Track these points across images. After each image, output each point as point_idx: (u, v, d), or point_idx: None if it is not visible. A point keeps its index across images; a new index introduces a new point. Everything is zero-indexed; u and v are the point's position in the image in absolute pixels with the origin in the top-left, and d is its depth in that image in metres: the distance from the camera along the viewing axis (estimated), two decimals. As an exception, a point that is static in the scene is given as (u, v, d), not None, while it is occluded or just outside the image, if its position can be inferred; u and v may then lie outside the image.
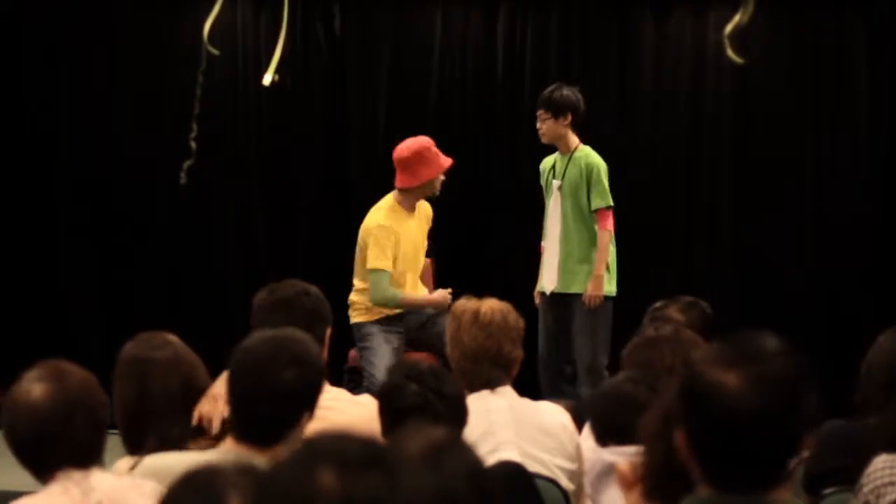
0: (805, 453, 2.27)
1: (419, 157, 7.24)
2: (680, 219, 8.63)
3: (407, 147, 7.30)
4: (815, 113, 8.59)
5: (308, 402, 3.20)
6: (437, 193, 7.34)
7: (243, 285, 7.25)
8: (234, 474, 2.07)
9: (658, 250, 8.57)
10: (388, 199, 7.34)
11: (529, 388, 4.42)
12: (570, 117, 7.34)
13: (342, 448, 1.74)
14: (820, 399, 2.30)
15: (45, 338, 8.42)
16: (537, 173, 8.66)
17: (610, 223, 7.36)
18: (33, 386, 3.03)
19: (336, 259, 8.62)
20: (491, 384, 4.05)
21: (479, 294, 4.26)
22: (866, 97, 8.54)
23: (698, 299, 5.08)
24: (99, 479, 3.02)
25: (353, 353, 8.11)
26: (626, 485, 2.99)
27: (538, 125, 7.38)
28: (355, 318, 7.33)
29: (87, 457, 3.01)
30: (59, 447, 2.99)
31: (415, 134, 8.73)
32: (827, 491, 3.74)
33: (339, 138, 8.77)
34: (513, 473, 3.61)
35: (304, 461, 1.73)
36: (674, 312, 4.84)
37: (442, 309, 7.31)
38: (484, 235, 8.65)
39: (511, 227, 8.52)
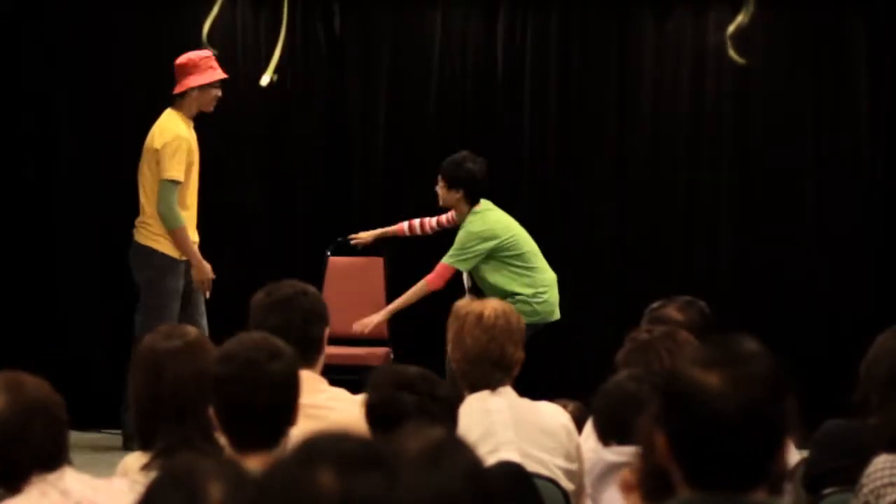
0: (802, 453, 2.27)
1: (191, 63, 7.33)
2: (680, 219, 8.63)
3: (185, 55, 7.43)
4: (815, 113, 8.59)
5: (296, 393, 3.22)
6: (210, 109, 7.44)
7: (242, 285, 7.23)
8: (213, 465, 2.08)
9: (658, 250, 8.57)
10: (169, 112, 7.38)
11: (529, 388, 4.41)
12: (460, 191, 7.46)
13: (342, 448, 1.74)
14: (818, 400, 2.31)
15: (43, 338, 8.42)
16: (538, 173, 8.68)
17: (439, 282, 7.39)
18: None
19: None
20: (492, 385, 4.05)
21: (480, 294, 4.26)
22: (866, 97, 8.54)
23: (696, 299, 5.08)
24: (73, 480, 3.02)
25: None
26: (628, 489, 2.99)
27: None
28: (162, 247, 7.28)
29: (55, 458, 3.01)
30: (23, 453, 2.99)
31: (415, 133, 8.75)
32: (827, 491, 3.74)
33: (339, 138, 8.77)
34: (512, 473, 3.61)
35: (304, 461, 1.73)
36: (672, 312, 4.84)
37: (199, 281, 7.35)
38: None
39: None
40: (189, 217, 7.39)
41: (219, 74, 7.42)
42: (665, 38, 8.65)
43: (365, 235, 8.06)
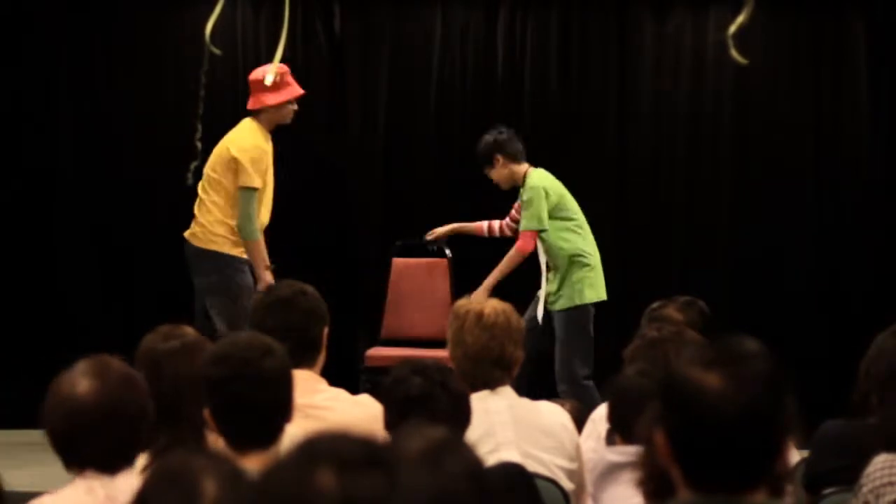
0: (802, 453, 2.27)
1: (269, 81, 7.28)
2: (679, 218, 8.63)
3: (261, 69, 7.35)
4: (815, 113, 8.59)
5: (291, 389, 3.24)
6: (288, 122, 7.37)
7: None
8: (207, 463, 2.08)
9: (657, 250, 8.57)
10: (249, 123, 7.29)
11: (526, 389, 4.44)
12: (500, 158, 7.47)
13: (342, 448, 1.74)
14: (818, 400, 2.30)
15: (45, 340, 8.41)
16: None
17: (528, 246, 7.41)
18: (79, 380, 3.02)
19: (335, 259, 8.62)
20: (491, 384, 4.06)
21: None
22: (866, 97, 8.54)
23: (696, 299, 5.09)
24: (126, 481, 3.00)
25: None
26: None
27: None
28: (223, 247, 7.20)
29: (118, 458, 2.99)
30: (91, 446, 2.98)
31: (415, 133, 8.76)
32: (827, 491, 3.74)
33: (339, 138, 8.77)
34: (513, 474, 3.62)
35: (304, 461, 1.73)
36: (672, 312, 4.86)
37: (262, 288, 7.20)
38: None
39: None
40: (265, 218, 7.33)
41: (295, 91, 7.33)
42: (665, 37, 8.65)
43: (441, 231, 8.02)
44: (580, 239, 7.50)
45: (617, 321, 7.81)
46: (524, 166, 7.56)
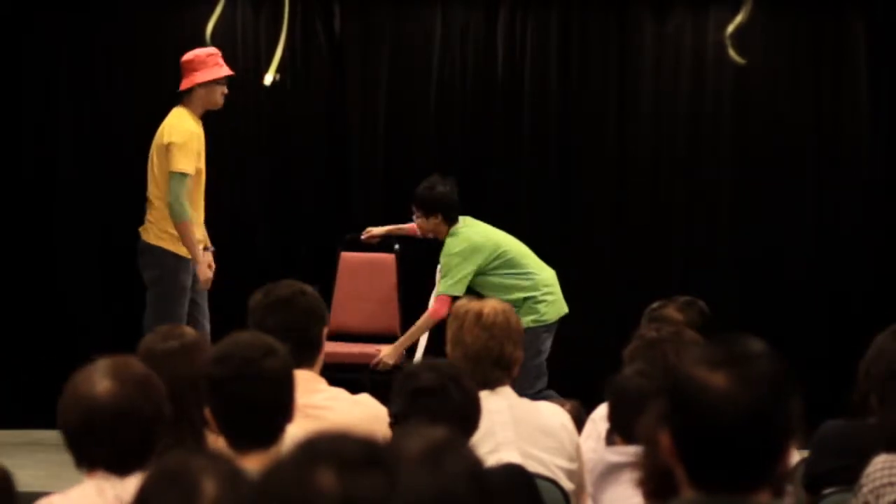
0: (802, 453, 2.27)
1: (197, 60, 7.27)
2: (679, 218, 8.63)
3: (192, 52, 7.36)
4: (815, 113, 8.59)
5: (293, 389, 3.24)
6: (218, 107, 7.36)
7: (242, 285, 7.22)
8: (207, 462, 2.08)
9: (657, 250, 8.57)
10: (177, 110, 7.30)
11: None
12: (439, 216, 7.43)
13: (342, 448, 1.74)
14: (818, 400, 2.30)
15: (45, 340, 8.41)
16: (538, 174, 8.69)
17: (442, 310, 7.17)
18: (97, 380, 3.01)
19: (335, 259, 8.61)
20: (491, 384, 4.06)
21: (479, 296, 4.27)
22: (866, 97, 8.54)
23: (696, 299, 5.10)
24: (135, 483, 2.99)
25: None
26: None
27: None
28: (170, 245, 7.20)
29: (132, 459, 2.98)
30: (105, 446, 2.98)
31: (415, 133, 8.76)
32: (827, 491, 3.74)
33: (339, 138, 8.77)
34: (513, 474, 3.62)
35: (304, 461, 1.73)
36: (672, 312, 4.86)
37: (201, 280, 7.22)
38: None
39: (511, 229, 8.51)
40: (196, 217, 7.32)
41: (224, 71, 7.33)
42: (665, 37, 8.65)
43: (377, 231, 8.00)
44: (521, 285, 7.38)
45: (617, 321, 7.80)
46: (451, 227, 7.45)
